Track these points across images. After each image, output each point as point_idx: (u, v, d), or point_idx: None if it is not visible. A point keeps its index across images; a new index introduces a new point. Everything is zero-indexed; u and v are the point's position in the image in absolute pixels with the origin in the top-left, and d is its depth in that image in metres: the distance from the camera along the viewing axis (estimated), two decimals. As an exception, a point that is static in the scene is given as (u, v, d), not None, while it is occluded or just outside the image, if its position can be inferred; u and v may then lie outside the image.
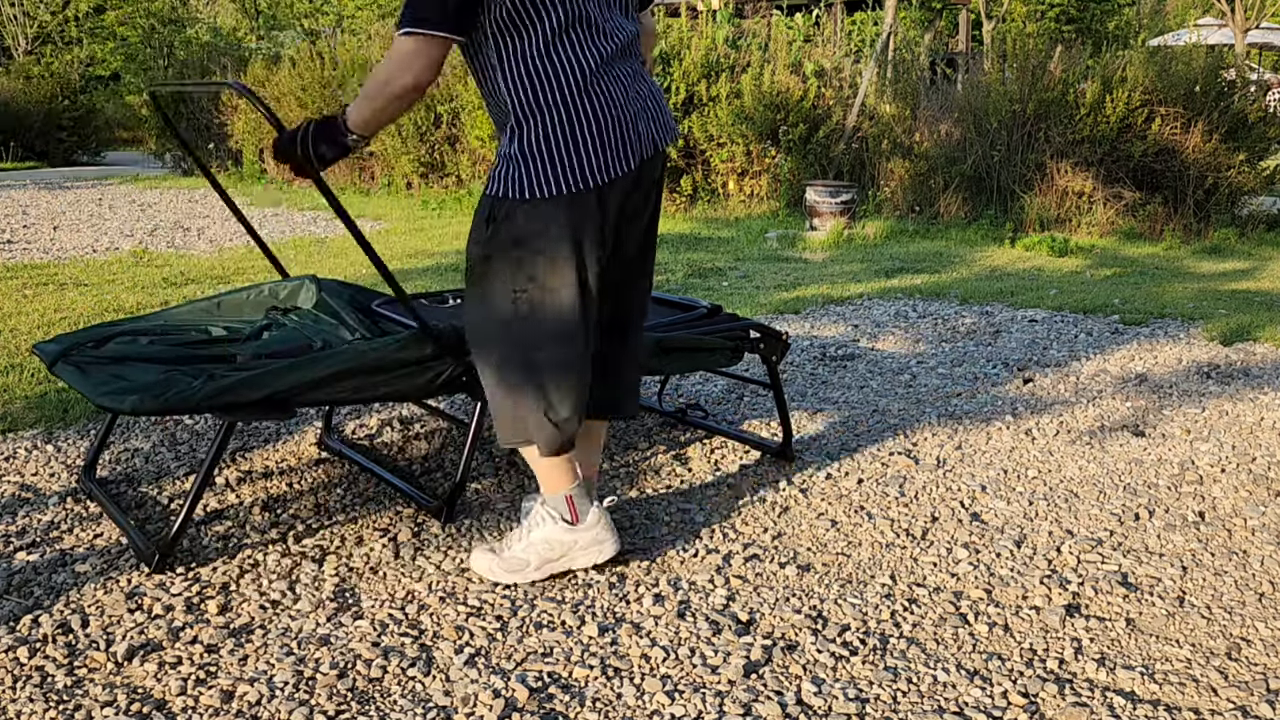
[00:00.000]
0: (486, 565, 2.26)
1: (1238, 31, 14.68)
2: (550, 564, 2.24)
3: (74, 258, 6.54)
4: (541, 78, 2.04)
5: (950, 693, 1.84)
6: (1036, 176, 8.25)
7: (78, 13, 23.05)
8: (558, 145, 2.04)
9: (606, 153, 2.06)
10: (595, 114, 2.05)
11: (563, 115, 2.04)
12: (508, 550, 2.26)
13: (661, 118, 2.19)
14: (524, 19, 2.00)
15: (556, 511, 2.24)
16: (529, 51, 2.03)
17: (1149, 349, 4.35)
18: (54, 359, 2.50)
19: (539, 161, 2.04)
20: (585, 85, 2.05)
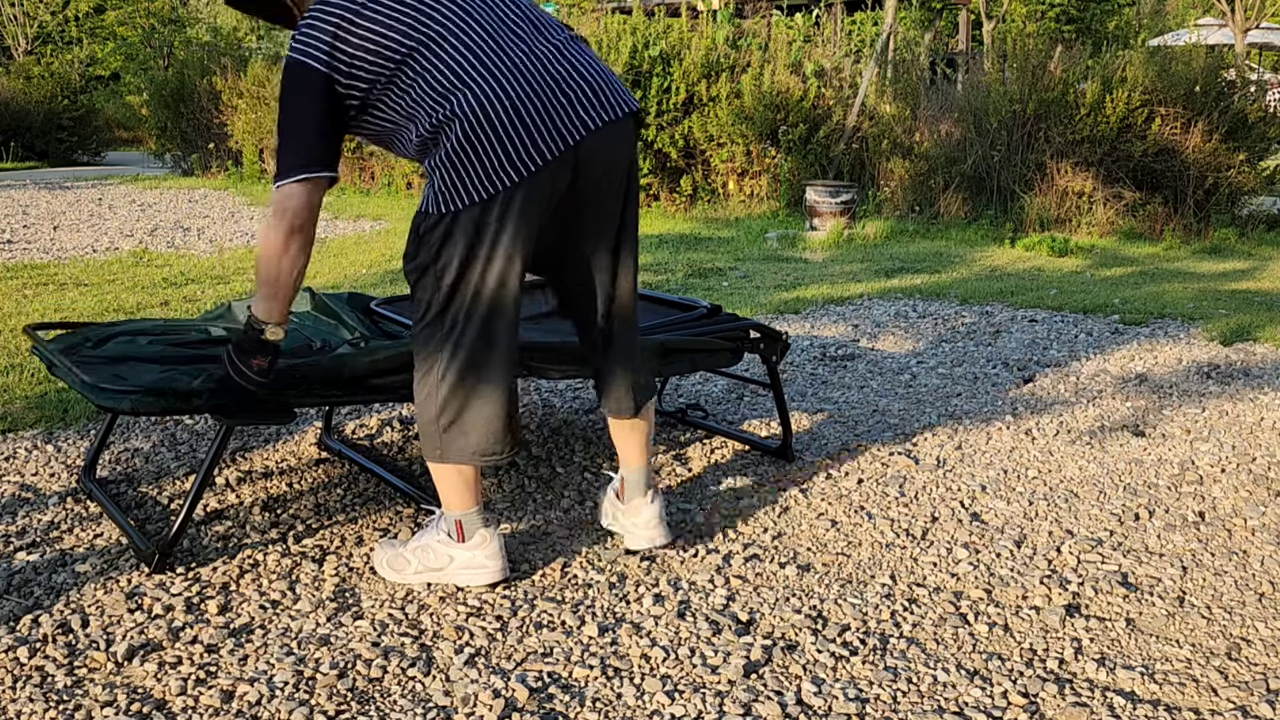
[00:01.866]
0: (379, 557, 2.27)
1: (1238, 31, 14.67)
2: (431, 572, 2.21)
3: (74, 258, 6.54)
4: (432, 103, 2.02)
5: (950, 693, 1.84)
6: (1036, 176, 8.25)
7: (78, 13, 23.05)
8: (461, 155, 2.01)
9: (515, 150, 2.01)
10: (492, 115, 2.00)
11: (459, 127, 2.00)
12: (402, 546, 2.26)
13: (592, 91, 2.08)
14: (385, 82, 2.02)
15: (447, 525, 2.21)
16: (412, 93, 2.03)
17: (1149, 349, 4.36)
18: (52, 357, 2.50)
19: (450, 174, 2.02)
20: (474, 91, 2.01)
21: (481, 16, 2.07)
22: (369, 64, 2.01)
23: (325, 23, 2.00)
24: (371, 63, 2.01)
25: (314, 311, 2.94)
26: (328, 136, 2.04)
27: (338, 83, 2.01)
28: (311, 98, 2.01)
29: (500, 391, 2.12)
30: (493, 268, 2.05)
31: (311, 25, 2.02)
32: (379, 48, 2.00)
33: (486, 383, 2.10)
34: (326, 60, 1.99)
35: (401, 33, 2.01)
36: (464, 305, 2.06)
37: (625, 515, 2.39)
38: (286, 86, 2.04)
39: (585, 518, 2.59)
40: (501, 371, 2.12)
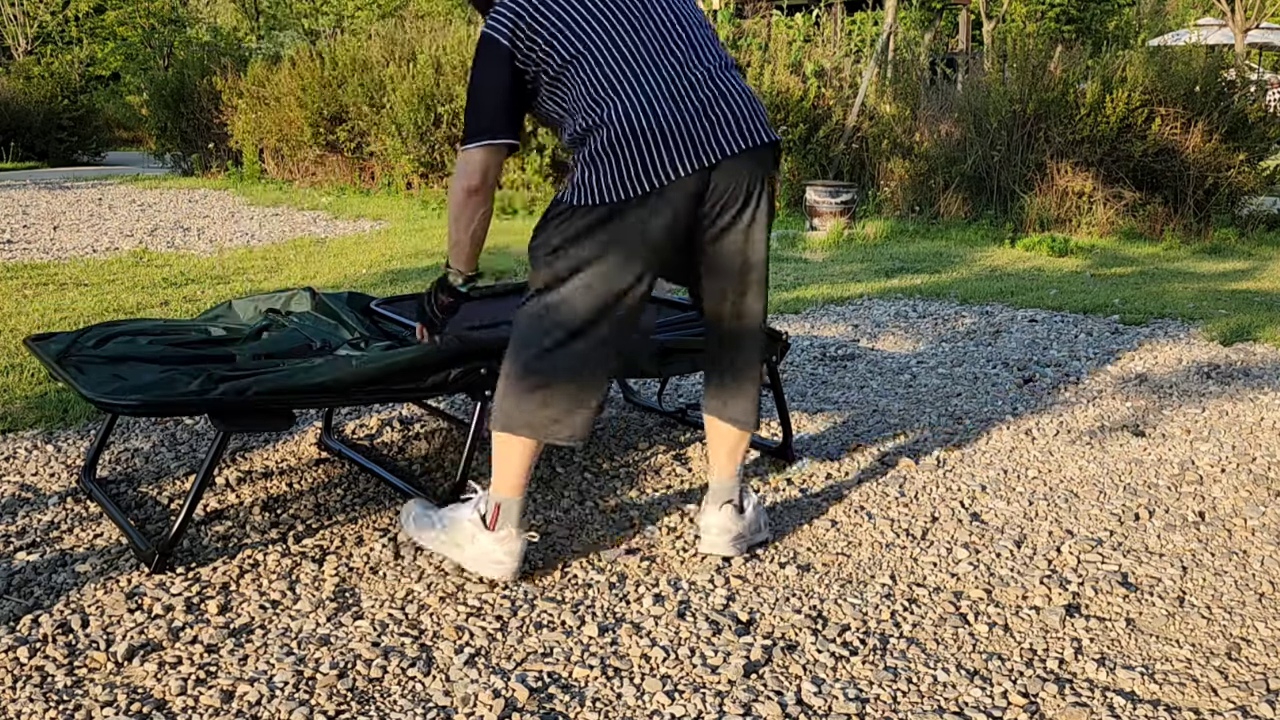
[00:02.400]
0: (407, 509, 2.39)
1: (1238, 31, 14.67)
2: (451, 546, 2.28)
3: (74, 258, 6.54)
4: (592, 103, 2.15)
5: (950, 693, 1.84)
6: (1036, 176, 8.25)
7: (78, 13, 23.04)
8: (604, 158, 2.13)
9: (652, 162, 2.11)
10: (638, 125, 2.12)
11: (606, 132, 2.12)
12: (434, 510, 2.35)
13: (732, 120, 2.18)
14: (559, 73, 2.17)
15: (484, 507, 2.25)
16: (578, 89, 2.17)
17: (1149, 349, 4.36)
18: (53, 357, 2.50)
19: (591, 172, 2.14)
20: (628, 99, 2.13)
21: (645, 35, 2.20)
22: (541, 54, 2.16)
23: (512, 6, 2.18)
24: (544, 54, 2.16)
25: (314, 312, 2.94)
26: (509, 106, 2.20)
27: (517, 57, 2.17)
28: (497, 67, 2.18)
29: (586, 379, 2.20)
30: (608, 265, 2.14)
31: (503, 4, 2.20)
32: (551, 43, 2.16)
33: (574, 368, 2.18)
34: (510, 36, 2.16)
35: (573, 35, 2.16)
36: (573, 292, 2.16)
37: (701, 518, 2.43)
38: (478, 54, 2.21)
39: (585, 518, 2.59)
40: (593, 363, 2.19)
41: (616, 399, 3.59)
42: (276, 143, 11.70)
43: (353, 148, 11.02)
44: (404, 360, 2.43)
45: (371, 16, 21.05)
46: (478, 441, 2.55)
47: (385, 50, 10.95)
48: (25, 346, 2.74)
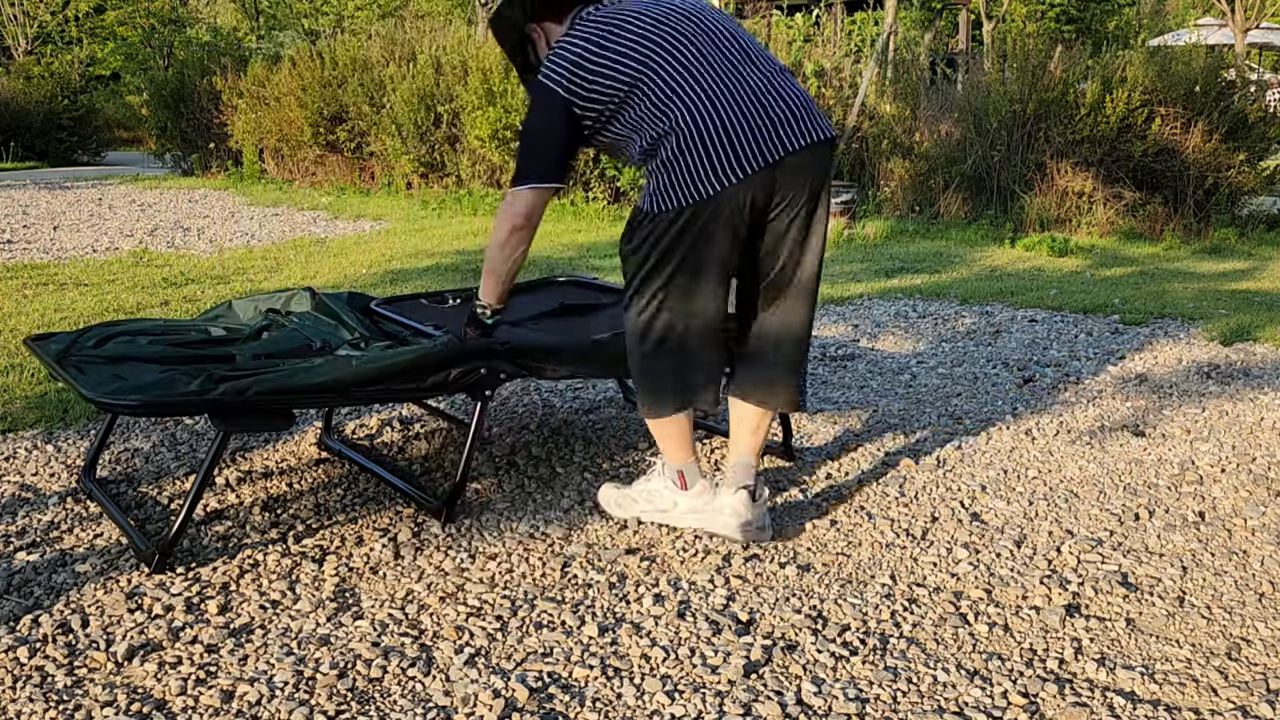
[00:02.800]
0: (605, 495, 2.59)
1: (1238, 31, 14.68)
2: (659, 513, 2.52)
3: (74, 258, 6.55)
4: (658, 122, 2.30)
5: (950, 693, 1.84)
6: (1036, 176, 8.25)
7: (78, 13, 23.04)
8: (678, 163, 2.28)
9: (725, 162, 2.25)
10: (708, 129, 2.26)
11: (676, 140, 2.27)
12: (627, 488, 2.57)
13: (793, 117, 2.31)
14: (616, 108, 2.32)
15: (669, 474, 2.50)
16: (641, 117, 2.31)
17: (1149, 349, 4.35)
18: (54, 358, 2.50)
19: (665, 179, 2.30)
20: (693, 109, 2.27)
21: (701, 45, 2.34)
22: (603, 89, 2.31)
23: (568, 54, 2.33)
24: (605, 88, 2.31)
25: (314, 312, 2.94)
26: (561, 153, 2.39)
27: (575, 105, 2.32)
28: (553, 115, 2.34)
29: (702, 362, 2.41)
30: (691, 261, 2.32)
31: (557, 55, 2.35)
32: (612, 75, 2.30)
33: (681, 350, 2.40)
34: (565, 85, 2.31)
35: (631, 63, 2.30)
36: (662, 287, 2.35)
37: (714, 499, 2.51)
38: (534, 103, 2.38)
39: (585, 518, 2.59)
40: (700, 341, 2.39)
41: (616, 399, 3.59)
42: (276, 143, 11.70)
43: (353, 148, 11.02)
44: (404, 360, 2.43)
45: (371, 16, 21.04)
46: (478, 441, 2.55)
47: (385, 50, 10.95)
48: (25, 346, 2.74)
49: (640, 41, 2.32)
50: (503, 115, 9.14)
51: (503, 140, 9.28)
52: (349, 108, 10.81)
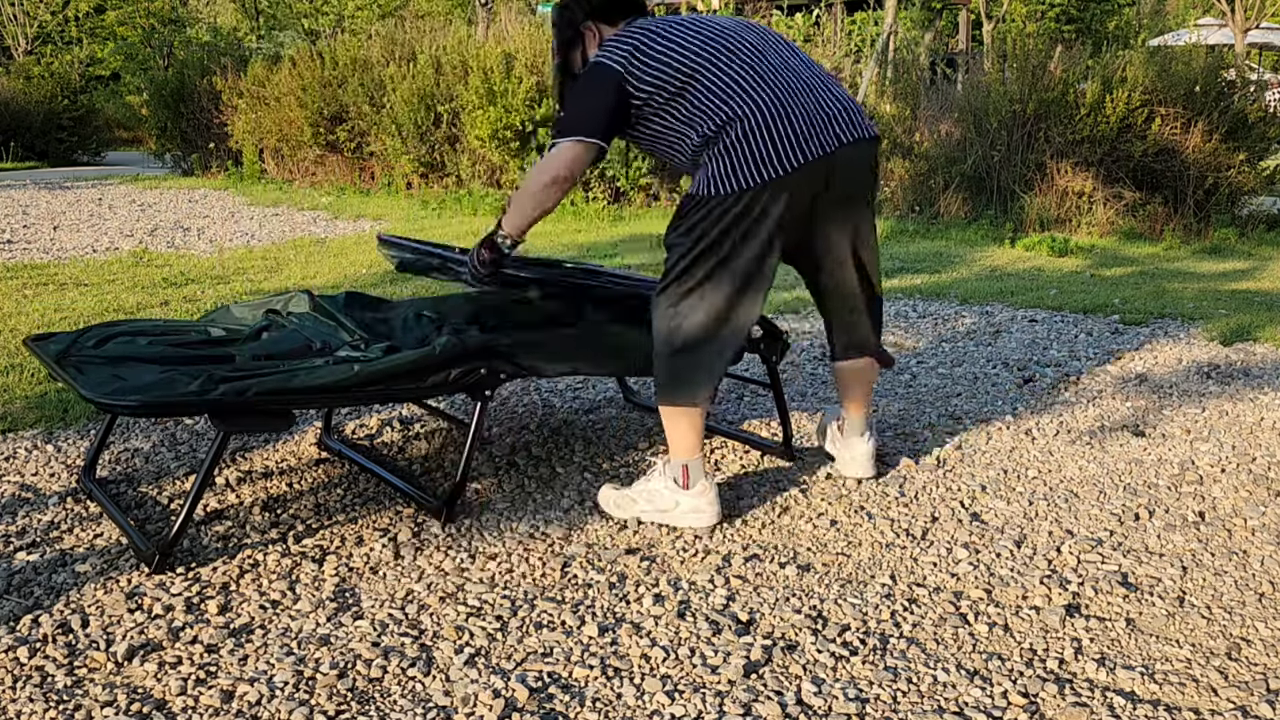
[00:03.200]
0: (605, 496, 2.61)
1: (1238, 31, 14.68)
2: (659, 513, 2.54)
3: (74, 258, 6.55)
4: (714, 114, 2.40)
5: (950, 693, 1.84)
6: (1036, 176, 8.25)
7: (78, 13, 23.05)
8: (734, 151, 2.39)
9: (779, 151, 2.38)
10: (763, 119, 2.38)
11: (735, 128, 2.38)
12: (626, 488, 2.60)
13: (842, 113, 2.46)
14: (672, 94, 2.42)
15: (672, 473, 2.53)
16: (695, 106, 2.42)
17: (1149, 349, 4.36)
18: (53, 358, 2.50)
19: (722, 165, 2.40)
20: (748, 100, 2.40)
21: (755, 43, 2.49)
22: (662, 75, 2.41)
23: (629, 39, 2.45)
24: (664, 75, 2.41)
25: (313, 313, 2.94)
26: (609, 120, 2.44)
27: (630, 85, 2.41)
28: (606, 90, 2.43)
29: (728, 351, 2.50)
30: (746, 245, 2.41)
31: (617, 40, 2.47)
32: (671, 63, 2.41)
33: (718, 340, 2.47)
34: (624, 65, 2.41)
35: (692, 52, 2.43)
36: (710, 272, 2.43)
37: (844, 449, 2.82)
38: (586, 77, 2.47)
39: (585, 518, 2.59)
40: (731, 335, 2.48)
41: (616, 399, 3.59)
42: (276, 143, 11.70)
43: (353, 148, 11.02)
44: (404, 361, 2.43)
45: (371, 16, 21.05)
46: (478, 441, 2.55)
47: (385, 50, 10.95)
48: (25, 346, 2.74)
49: (698, 37, 2.46)
50: (503, 115, 9.14)
51: (503, 140, 9.28)
52: (349, 108, 10.81)
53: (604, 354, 2.77)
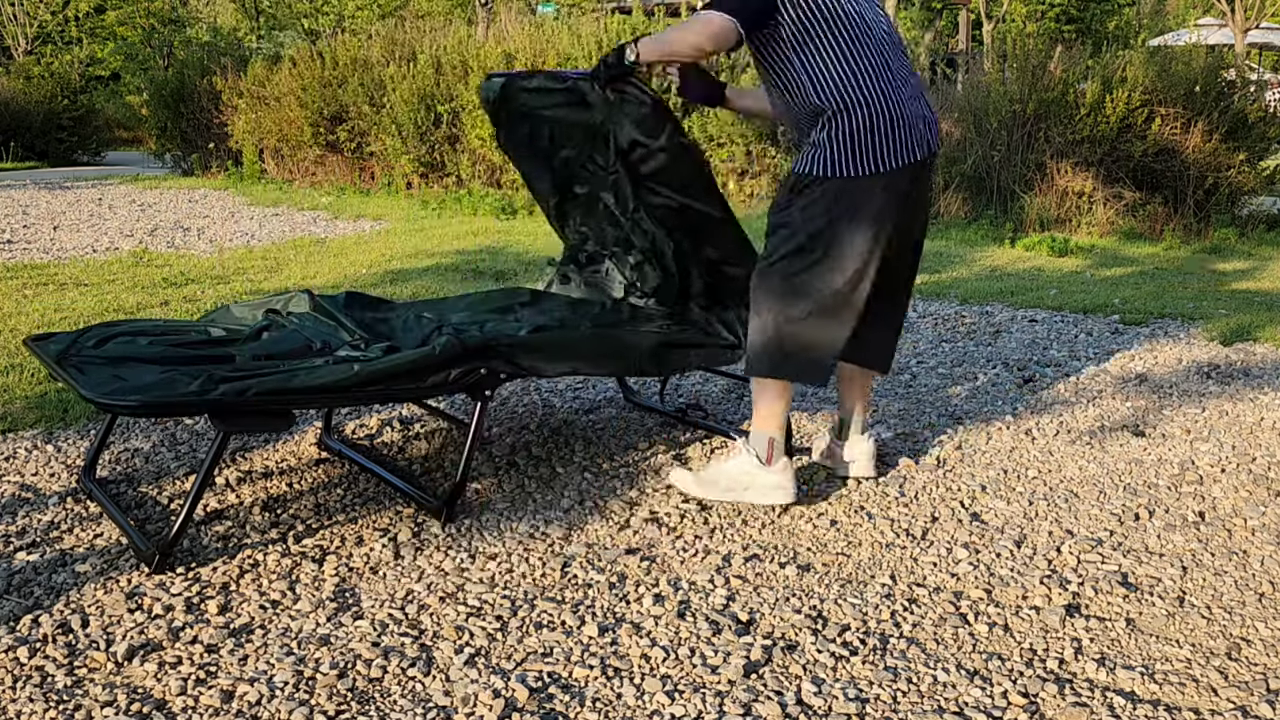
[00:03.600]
0: (682, 479, 2.66)
1: (1238, 31, 14.68)
2: (734, 492, 2.60)
3: (74, 258, 6.55)
4: (843, 81, 2.48)
5: (950, 693, 1.84)
6: (1036, 176, 8.25)
7: (78, 13, 23.04)
8: (859, 136, 2.48)
9: (894, 145, 2.49)
10: (886, 111, 2.49)
11: (862, 112, 2.47)
12: (704, 471, 2.64)
13: (933, 121, 2.59)
14: (815, 31, 2.48)
15: (755, 449, 2.59)
16: (828, 59, 2.48)
17: (1149, 349, 4.36)
18: (53, 358, 2.50)
19: (844, 148, 2.48)
20: (877, 86, 2.49)
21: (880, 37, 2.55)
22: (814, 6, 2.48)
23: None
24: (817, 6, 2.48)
25: (313, 313, 2.94)
26: (755, 17, 2.48)
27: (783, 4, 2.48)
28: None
29: (835, 330, 2.56)
30: (858, 230, 2.50)
31: None
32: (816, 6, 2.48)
33: (823, 319, 2.54)
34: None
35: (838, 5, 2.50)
36: (824, 252, 2.51)
37: (848, 449, 2.83)
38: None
39: (585, 518, 2.59)
40: (840, 315, 2.55)
41: (616, 399, 3.59)
42: (276, 143, 11.70)
43: (353, 148, 11.02)
44: (404, 361, 2.43)
45: (371, 16, 21.05)
46: (478, 441, 2.55)
47: (385, 50, 10.94)
48: (25, 346, 2.74)
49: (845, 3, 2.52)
50: (503, 115, 9.13)
51: (503, 140, 9.27)
52: (349, 108, 10.81)
53: (604, 354, 2.77)
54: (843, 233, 2.50)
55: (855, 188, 2.49)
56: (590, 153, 2.91)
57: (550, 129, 2.95)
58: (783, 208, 2.57)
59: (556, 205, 3.18)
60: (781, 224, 2.57)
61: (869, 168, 2.48)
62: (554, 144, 2.98)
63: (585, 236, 3.17)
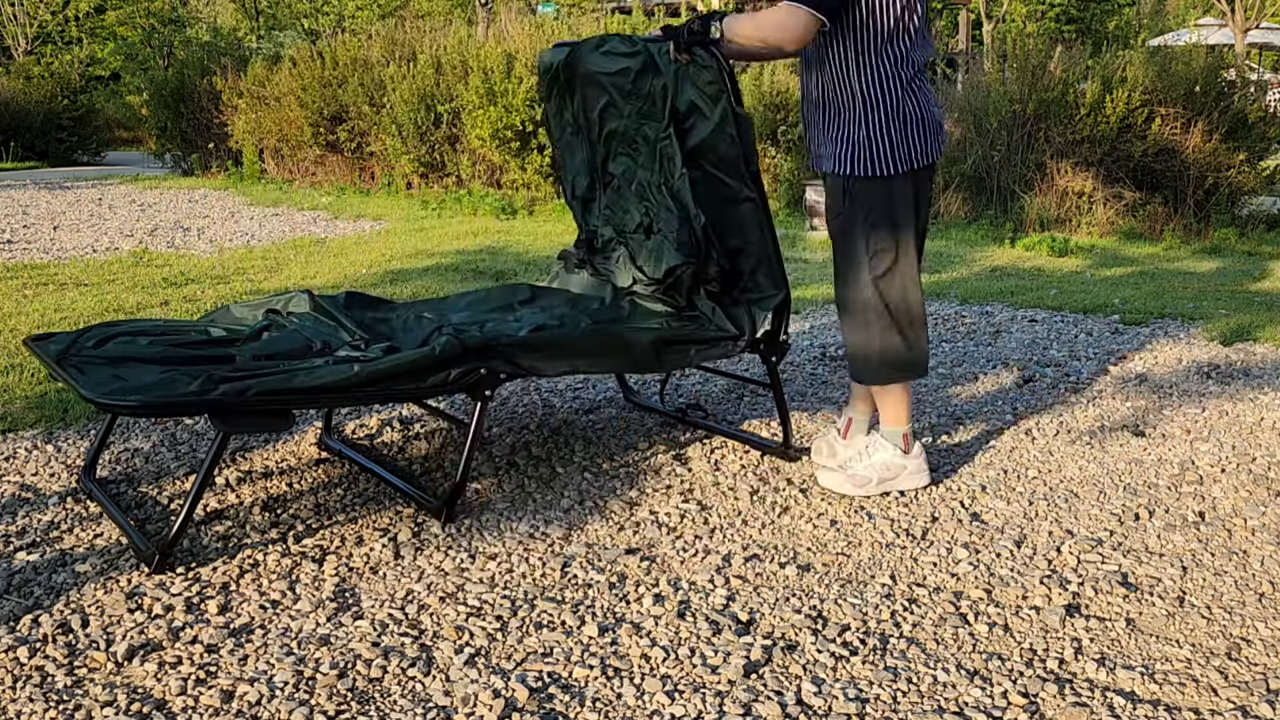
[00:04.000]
0: (836, 481, 2.73)
1: (1238, 31, 14.68)
2: (886, 483, 2.71)
3: (74, 258, 6.55)
4: (886, 71, 2.51)
5: (950, 693, 1.84)
6: (1036, 176, 8.25)
7: (78, 13, 23.04)
8: (897, 130, 2.53)
9: (928, 141, 2.57)
10: (921, 107, 2.55)
11: (901, 105, 2.52)
12: (851, 468, 2.73)
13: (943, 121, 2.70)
14: (874, 18, 2.49)
15: (892, 441, 2.71)
16: (876, 46, 2.50)
17: (1149, 349, 4.36)
18: (53, 358, 2.50)
19: (884, 145, 2.54)
20: (914, 82, 2.54)
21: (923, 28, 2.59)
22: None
23: None
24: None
25: (313, 313, 2.94)
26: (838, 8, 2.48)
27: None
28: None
29: (923, 318, 2.68)
30: (916, 220, 2.60)
31: None
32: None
33: (917, 311, 2.65)
34: None
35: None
36: (906, 251, 2.59)
37: (848, 450, 2.84)
38: None
39: (585, 518, 2.59)
40: (922, 308, 2.67)
41: (616, 399, 3.59)
42: (276, 143, 11.70)
43: (353, 148, 11.02)
44: (404, 361, 2.43)
45: (371, 16, 21.05)
46: (478, 441, 2.55)
47: (385, 50, 10.94)
48: (25, 346, 2.74)
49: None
50: (503, 115, 9.14)
51: (503, 140, 9.28)
52: (349, 108, 10.81)
53: (604, 351, 2.77)
54: (904, 228, 2.58)
55: (905, 183, 2.56)
56: (640, 125, 2.95)
57: (607, 98, 3.01)
58: (845, 213, 2.62)
59: (587, 188, 3.23)
60: (851, 232, 2.62)
61: (914, 164, 2.55)
62: (604, 116, 3.05)
63: (607, 220, 3.19)
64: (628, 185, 3.07)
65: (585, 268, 3.27)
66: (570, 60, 3.04)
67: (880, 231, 2.59)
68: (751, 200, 2.80)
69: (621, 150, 3.06)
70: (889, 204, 2.57)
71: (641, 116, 2.94)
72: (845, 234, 2.64)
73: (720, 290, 2.93)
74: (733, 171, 2.80)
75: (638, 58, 2.86)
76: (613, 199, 3.15)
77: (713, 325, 2.89)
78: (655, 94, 2.86)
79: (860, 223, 2.60)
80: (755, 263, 2.85)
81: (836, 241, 2.68)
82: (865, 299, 2.63)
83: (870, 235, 2.59)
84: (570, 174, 3.27)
